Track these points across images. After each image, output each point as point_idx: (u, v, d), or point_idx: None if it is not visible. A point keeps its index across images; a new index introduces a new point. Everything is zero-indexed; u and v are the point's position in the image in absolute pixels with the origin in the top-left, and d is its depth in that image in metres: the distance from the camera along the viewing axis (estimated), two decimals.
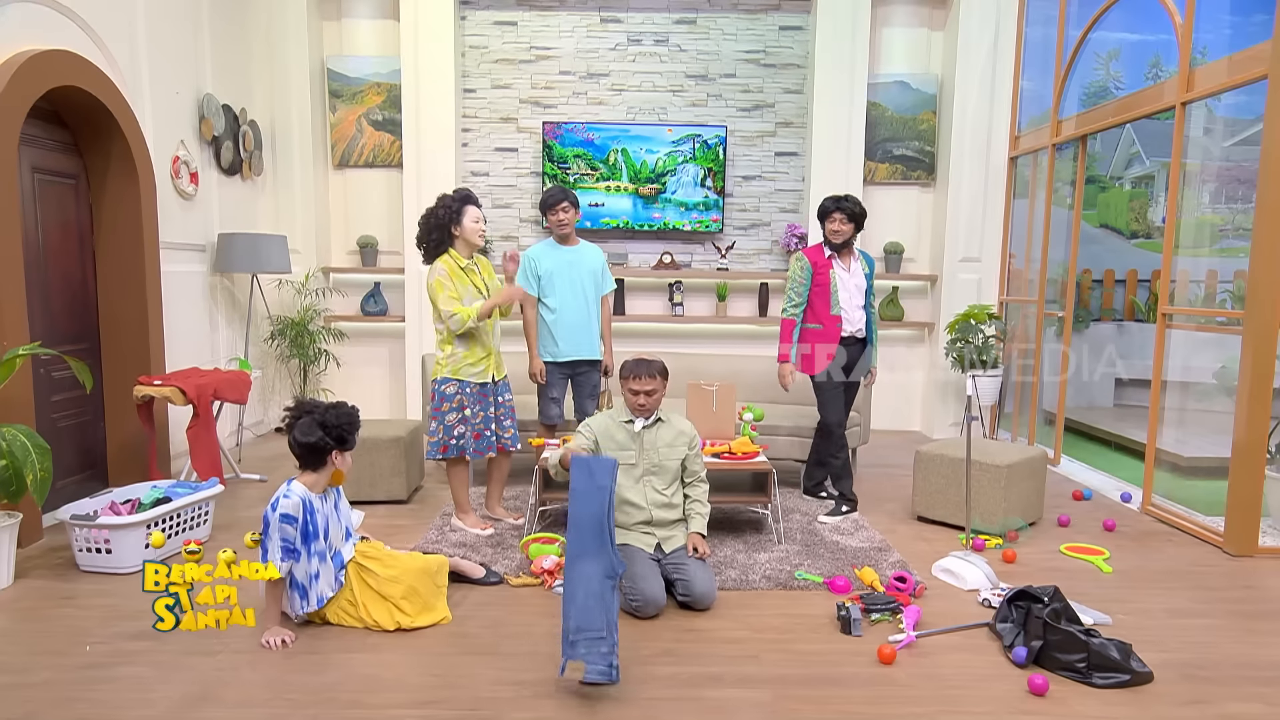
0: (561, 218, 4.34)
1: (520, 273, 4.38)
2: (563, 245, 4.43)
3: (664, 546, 3.37)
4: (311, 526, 2.95)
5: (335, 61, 6.61)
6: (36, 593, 3.31)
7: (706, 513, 3.50)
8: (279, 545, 2.87)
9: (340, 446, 3.00)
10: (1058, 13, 5.80)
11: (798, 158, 6.78)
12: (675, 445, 3.45)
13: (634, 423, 3.44)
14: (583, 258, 4.43)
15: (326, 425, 2.95)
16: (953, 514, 4.24)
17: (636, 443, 3.42)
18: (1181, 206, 4.67)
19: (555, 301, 4.37)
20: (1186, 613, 3.27)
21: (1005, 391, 6.47)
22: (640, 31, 6.66)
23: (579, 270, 4.40)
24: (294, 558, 2.91)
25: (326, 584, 3.01)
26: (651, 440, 3.43)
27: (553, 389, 4.46)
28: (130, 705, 2.49)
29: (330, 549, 3.04)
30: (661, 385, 3.39)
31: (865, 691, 2.62)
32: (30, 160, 4.12)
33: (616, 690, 2.59)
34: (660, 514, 3.40)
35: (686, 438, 3.49)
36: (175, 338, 5.10)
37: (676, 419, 3.53)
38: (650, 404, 3.39)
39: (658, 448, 3.43)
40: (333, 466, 3.03)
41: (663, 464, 3.43)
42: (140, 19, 4.74)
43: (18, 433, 3.26)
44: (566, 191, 4.38)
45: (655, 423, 3.46)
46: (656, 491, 3.41)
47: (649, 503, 3.39)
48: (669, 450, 3.44)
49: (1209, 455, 5.40)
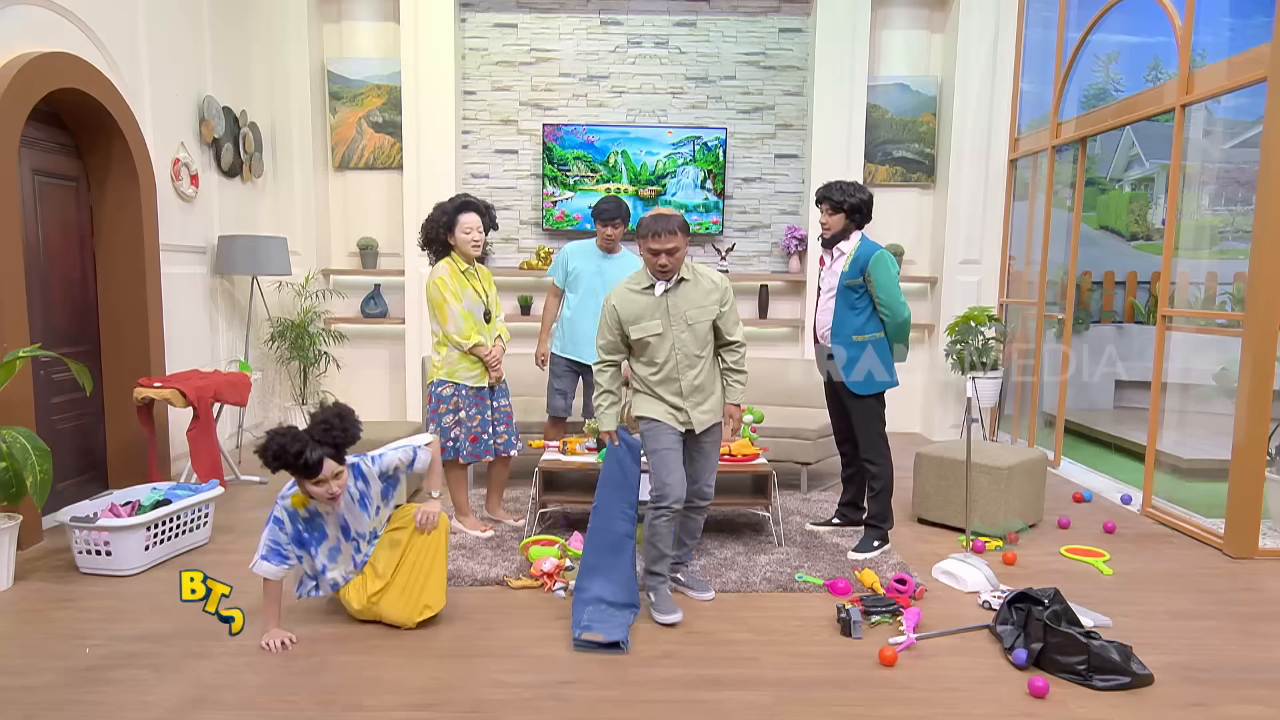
0: (609, 233, 4.35)
1: (554, 263, 4.51)
2: (603, 252, 4.45)
3: (695, 425, 3.14)
4: (309, 534, 2.95)
5: (336, 64, 6.61)
6: (36, 595, 3.31)
7: (744, 380, 3.21)
8: (264, 544, 2.88)
9: (305, 475, 2.77)
10: (1057, 15, 5.81)
11: (797, 160, 6.79)
12: (705, 306, 3.08)
13: (654, 287, 3.07)
14: (616, 268, 4.43)
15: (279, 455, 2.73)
16: (953, 516, 4.24)
17: (660, 310, 3.07)
18: (1181, 209, 4.67)
19: (574, 301, 4.43)
20: (1187, 615, 3.26)
21: (1005, 393, 6.47)
22: (640, 34, 6.67)
23: (606, 279, 4.39)
24: (281, 561, 2.89)
25: (339, 574, 3.03)
26: (677, 304, 3.07)
27: (561, 380, 4.49)
28: (130, 707, 2.48)
29: (354, 544, 3.03)
30: (683, 241, 3.00)
31: (865, 693, 2.62)
32: (31, 162, 4.13)
33: (617, 692, 2.59)
34: (689, 380, 3.10)
35: (717, 294, 3.10)
36: (175, 340, 5.10)
37: (703, 273, 3.12)
38: (672, 264, 3.01)
39: (685, 311, 3.06)
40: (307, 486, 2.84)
41: (693, 329, 3.08)
42: (140, 21, 4.75)
43: (18, 435, 3.26)
44: (622, 207, 4.32)
45: (679, 283, 3.08)
46: (688, 357, 3.10)
47: (680, 371, 3.09)
48: (699, 312, 3.07)
49: (1209, 457, 5.40)
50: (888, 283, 3.71)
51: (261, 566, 2.87)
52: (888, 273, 3.71)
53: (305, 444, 2.73)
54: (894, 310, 3.73)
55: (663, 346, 3.09)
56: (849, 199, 3.74)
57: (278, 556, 2.88)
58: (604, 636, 2.87)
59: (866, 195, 3.79)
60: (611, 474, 3.16)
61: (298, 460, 2.72)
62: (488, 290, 4.02)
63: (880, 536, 3.90)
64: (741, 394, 3.25)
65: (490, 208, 4.00)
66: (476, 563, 3.67)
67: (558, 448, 4.27)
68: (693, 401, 3.14)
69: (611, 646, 2.87)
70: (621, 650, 2.87)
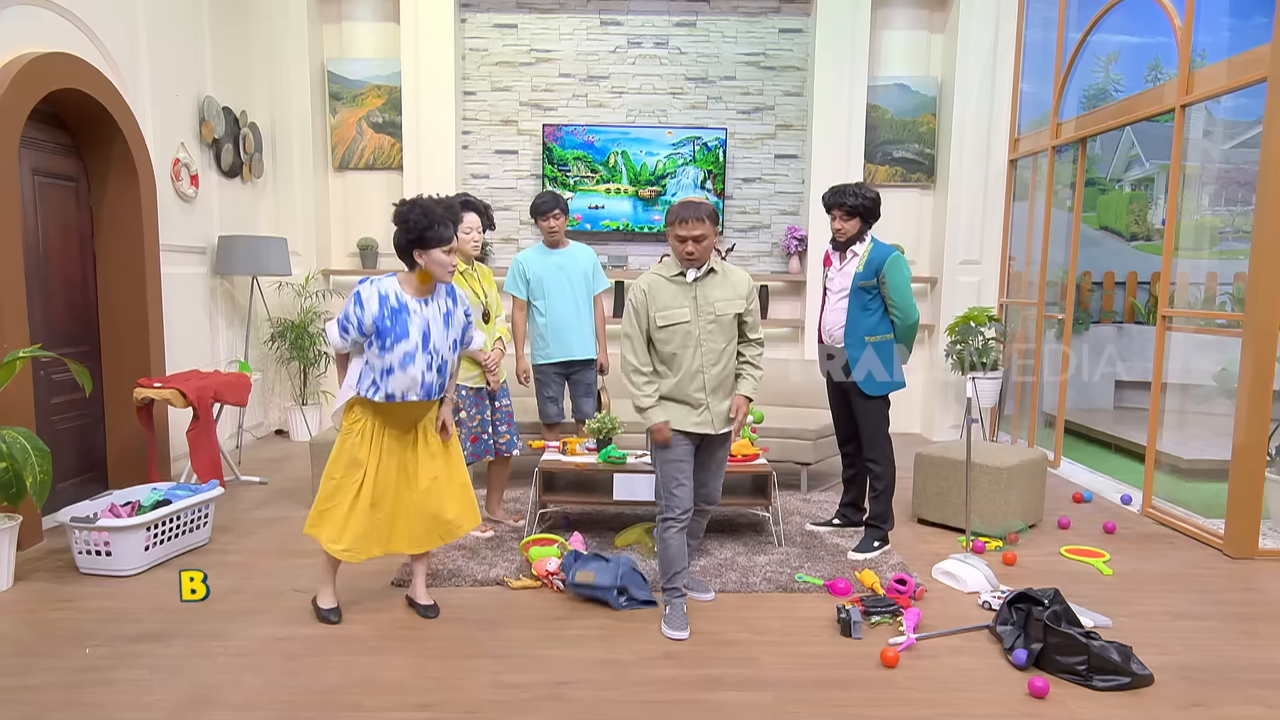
0: (552, 224, 4.35)
1: (509, 277, 4.42)
2: (552, 249, 4.44)
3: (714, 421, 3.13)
4: (394, 323, 2.85)
5: (336, 64, 6.61)
6: (36, 595, 3.31)
7: (758, 375, 3.21)
8: (339, 319, 2.88)
9: (420, 245, 2.84)
10: (1057, 15, 5.81)
11: (797, 160, 6.79)
12: (732, 299, 3.10)
13: (685, 274, 3.08)
14: (572, 260, 4.44)
15: (407, 222, 2.83)
16: (953, 516, 4.24)
17: (689, 298, 3.07)
18: (1181, 209, 4.67)
19: (546, 304, 4.39)
20: (1187, 615, 3.26)
21: (1005, 394, 6.47)
22: (640, 34, 6.67)
23: (569, 272, 4.40)
24: (344, 334, 2.88)
25: (400, 387, 2.89)
26: (706, 294, 3.08)
27: (549, 389, 4.47)
28: (130, 708, 2.48)
29: (433, 356, 2.94)
30: (711, 230, 3.01)
31: (865, 694, 2.62)
32: (31, 163, 4.13)
33: (617, 692, 2.60)
34: (713, 374, 3.11)
35: (744, 289, 3.12)
36: (175, 340, 5.10)
37: (731, 269, 3.16)
38: (700, 252, 3.01)
39: (713, 301, 3.08)
40: (419, 266, 2.88)
41: (719, 320, 3.09)
42: (141, 21, 4.75)
43: (18, 435, 3.26)
44: (558, 198, 4.36)
45: (708, 273, 3.10)
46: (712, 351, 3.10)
47: (703, 364, 3.10)
48: (726, 304, 3.08)
49: (1209, 458, 5.40)
50: (901, 285, 3.74)
51: (331, 330, 2.92)
52: (901, 275, 3.74)
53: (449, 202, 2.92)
54: (905, 312, 3.76)
55: (687, 341, 3.07)
56: (862, 201, 3.75)
57: (343, 330, 2.89)
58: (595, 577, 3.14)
59: (875, 195, 3.80)
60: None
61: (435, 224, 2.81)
62: (487, 290, 4.02)
63: (880, 537, 3.90)
64: (753, 388, 3.20)
65: (488, 207, 4.00)
66: (476, 563, 3.67)
67: (558, 448, 4.27)
68: (716, 397, 3.12)
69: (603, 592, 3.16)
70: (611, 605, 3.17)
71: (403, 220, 2.84)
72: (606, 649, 2.89)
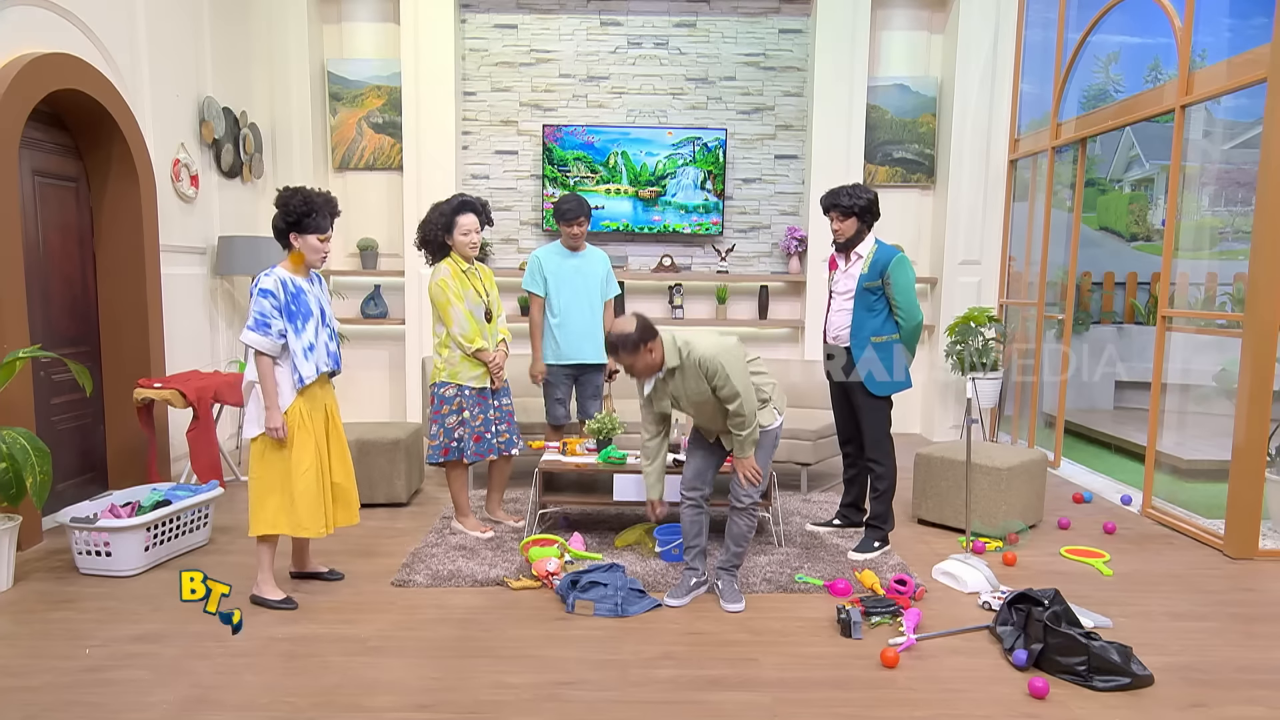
0: (575, 230, 4.36)
1: (528, 274, 4.42)
2: (571, 251, 4.45)
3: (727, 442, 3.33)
4: (297, 305, 3.12)
5: (336, 64, 6.61)
6: (36, 596, 3.31)
7: (744, 436, 3.18)
8: (253, 317, 3.04)
9: (297, 230, 3.13)
10: (1057, 16, 5.81)
11: (797, 160, 6.79)
12: (700, 389, 3.13)
13: (644, 386, 3.23)
14: (590, 263, 4.45)
15: (288, 206, 3.12)
16: (953, 517, 4.24)
17: (666, 392, 3.20)
18: (1181, 209, 4.68)
19: (560, 305, 4.39)
20: (1187, 616, 3.26)
21: (1005, 394, 6.47)
22: (640, 34, 6.67)
23: (585, 276, 4.41)
24: (266, 331, 3.04)
25: (319, 359, 3.18)
26: (677, 388, 3.18)
27: (558, 390, 4.47)
28: (129, 708, 2.48)
29: (331, 327, 3.27)
30: (631, 358, 3.03)
31: (865, 694, 2.62)
32: (31, 163, 4.13)
33: (617, 692, 2.60)
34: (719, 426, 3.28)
35: (707, 372, 3.08)
36: (175, 340, 5.10)
37: (692, 358, 3.09)
38: (640, 371, 3.09)
39: (686, 394, 3.17)
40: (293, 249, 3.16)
41: (699, 405, 3.20)
42: (141, 22, 4.75)
43: (18, 435, 3.26)
44: (583, 204, 4.35)
45: (670, 373, 3.14)
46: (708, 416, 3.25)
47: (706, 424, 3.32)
48: (698, 394, 3.15)
49: (1209, 458, 5.39)
50: (906, 286, 3.76)
51: (249, 336, 3.04)
52: (906, 276, 3.76)
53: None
54: (909, 313, 3.77)
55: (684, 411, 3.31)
56: (857, 201, 3.76)
57: (264, 327, 3.05)
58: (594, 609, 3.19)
59: (872, 194, 3.81)
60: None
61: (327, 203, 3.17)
62: (489, 290, 4.02)
63: (881, 537, 3.90)
64: (741, 448, 3.22)
65: (485, 204, 4.00)
66: (476, 563, 3.68)
67: (558, 448, 4.27)
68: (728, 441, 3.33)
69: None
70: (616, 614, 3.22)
71: (284, 204, 3.14)
72: (606, 649, 2.89)
